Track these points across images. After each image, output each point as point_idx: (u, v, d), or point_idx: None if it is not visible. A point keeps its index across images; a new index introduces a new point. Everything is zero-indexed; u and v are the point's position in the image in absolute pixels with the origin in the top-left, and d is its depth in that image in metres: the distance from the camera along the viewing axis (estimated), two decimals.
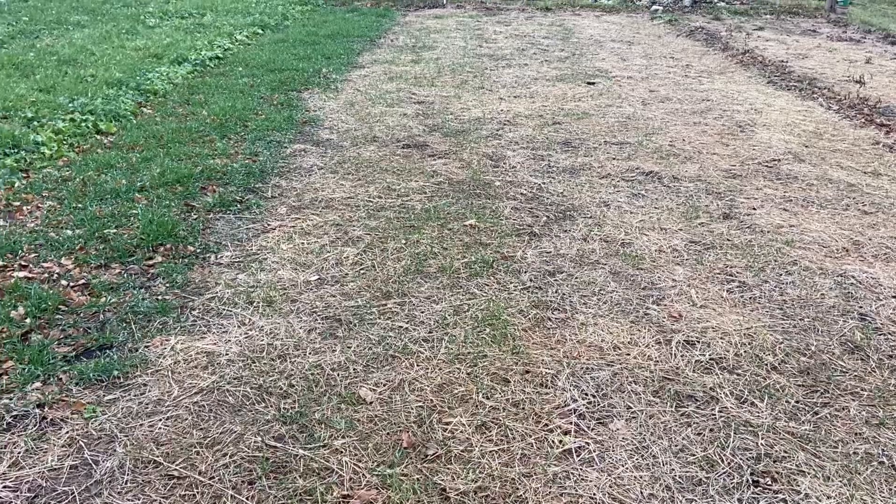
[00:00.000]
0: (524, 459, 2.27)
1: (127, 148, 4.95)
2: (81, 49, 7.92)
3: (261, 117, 5.83)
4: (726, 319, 3.08)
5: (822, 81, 7.90)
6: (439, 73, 7.93)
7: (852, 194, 4.57)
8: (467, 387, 2.61)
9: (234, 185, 4.41)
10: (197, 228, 3.78)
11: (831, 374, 2.72)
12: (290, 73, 7.49)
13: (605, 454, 2.30)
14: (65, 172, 4.46)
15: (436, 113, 6.31)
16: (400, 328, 2.98)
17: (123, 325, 2.90)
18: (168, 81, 6.77)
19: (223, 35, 9.27)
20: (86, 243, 3.53)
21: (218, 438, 2.32)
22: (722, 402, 2.55)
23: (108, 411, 2.42)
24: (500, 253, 3.66)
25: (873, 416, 2.50)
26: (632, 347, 2.87)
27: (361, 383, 2.62)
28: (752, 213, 4.21)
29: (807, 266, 3.57)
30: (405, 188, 4.52)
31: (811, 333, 2.99)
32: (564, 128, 5.94)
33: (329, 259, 3.55)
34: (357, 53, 8.91)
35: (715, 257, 3.66)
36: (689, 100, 6.94)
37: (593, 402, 2.55)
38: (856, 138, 5.81)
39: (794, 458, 2.28)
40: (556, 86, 7.48)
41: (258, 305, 3.11)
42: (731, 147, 5.48)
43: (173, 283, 3.24)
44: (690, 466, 2.25)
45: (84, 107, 5.57)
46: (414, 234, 3.84)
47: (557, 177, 4.79)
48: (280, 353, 2.78)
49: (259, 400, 2.51)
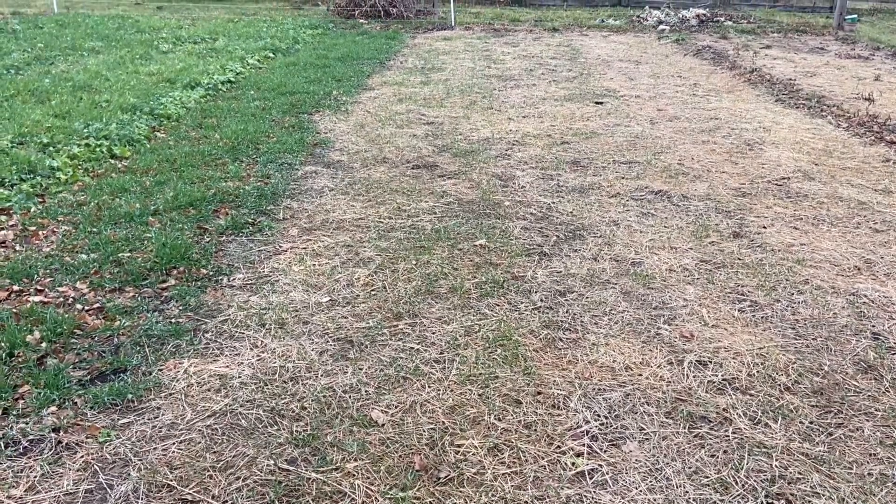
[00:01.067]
0: (537, 482, 2.27)
1: (141, 172, 5.02)
2: (96, 75, 8.04)
3: (272, 140, 5.89)
4: (738, 339, 3.07)
5: (830, 99, 7.90)
6: (448, 94, 8.00)
7: (863, 212, 4.56)
8: (479, 408, 2.62)
9: (246, 208, 4.45)
10: (210, 251, 3.82)
11: (845, 394, 2.71)
12: (300, 95, 7.57)
13: (619, 476, 2.29)
14: (80, 197, 4.52)
15: (445, 133, 6.36)
16: (411, 349, 2.99)
17: (137, 348, 2.93)
18: (181, 106, 6.86)
19: (235, 59, 9.40)
20: (100, 267, 3.57)
21: (231, 462, 2.33)
22: (735, 424, 2.54)
23: (123, 435, 2.44)
24: (511, 273, 3.68)
25: (888, 436, 2.48)
26: (644, 368, 2.87)
27: (373, 405, 2.63)
28: (762, 232, 4.21)
29: (818, 285, 3.56)
30: (415, 209, 4.55)
31: (824, 353, 2.97)
32: (573, 147, 5.96)
33: (340, 280, 3.58)
34: (367, 76, 9.00)
35: (726, 276, 3.65)
36: (698, 118, 6.96)
37: (606, 423, 2.55)
38: (866, 156, 5.80)
39: (809, 479, 2.27)
40: (565, 105, 7.52)
41: (270, 327, 3.13)
42: (740, 165, 5.49)
43: (186, 306, 3.27)
44: (704, 489, 2.24)
45: (99, 132, 5.65)
46: (424, 255, 3.86)
47: (567, 196, 4.81)
48: (292, 376, 2.79)
49: (272, 423, 2.52)
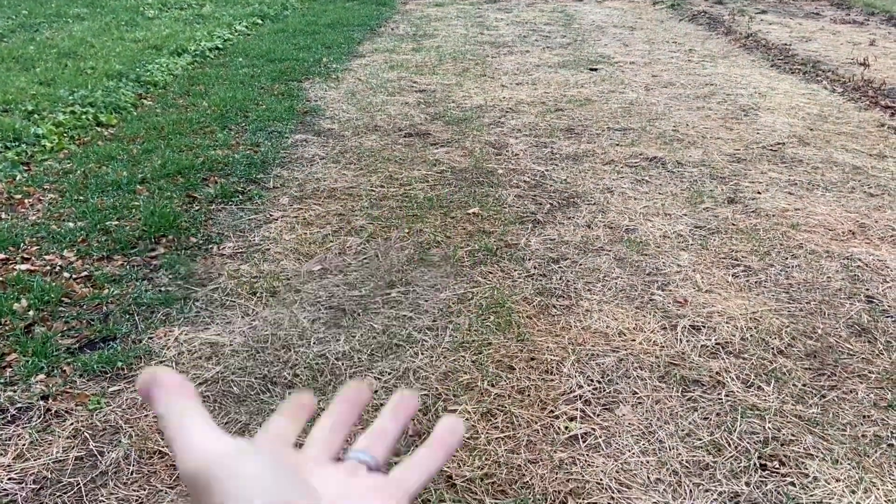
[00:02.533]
0: (530, 446, 2.27)
1: (128, 140, 4.93)
2: (81, 41, 7.89)
3: (261, 107, 5.80)
4: (732, 304, 3.06)
5: (825, 64, 7.83)
6: (440, 62, 7.88)
7: (857, 177, 4.54)
8: (472, 374, 2.60)
9: (235, 176, 4.39)
10: (199, 219, 3.77)
11: (838, 356, 2.71)
12: (290, 62, 7.45)
13: (612, 440, 2.29)
14: (66, 165, 4.45)
15: (437, 101, 6.27)
16: (404, 317, 2.97)
17: (127, 316, 2.89)
18: (168, 73, 6.74)
19: (223, 26, 9.23)
20: (88, 235, 3.52)
21: (223, 428, 2.31)
22: (728, 387, 2.54)
23: (113, 402, 2.42)
24: (504, 241, 3.65)
25: (881, 398, 2.48)
26: (637, 333, 2.86)
27: (366, 372, 2.61)
28: (756, 197, 4.18)
29: (812, 249, 3.54)
30: (407, 177, 4.50)
31: (817, 317, 2.97)
32: (567, 114, 5.90)
33: (332, 249, 3.54)
34: (357, 42, 8.86)
35: (720, 242, 3.63)
36: (692, 84, 6.89)
37: (599, 388, 2.54)
38: (860, 121, 5.76)
39: (802, 441, 2.27)
40: (559, 72, 7.43)
41: (262, 296, 3.10)
42: (734, 131, 5.44)
43: (176, 275, 3.23)
44: (697, 451, 2.24)
45: (84, 99, 5.54)
46: (417, 223, 3.82)
47: (560, 164, 4.76)
48: (284, 344, 2.77)
49: (264, 390, 2.50)
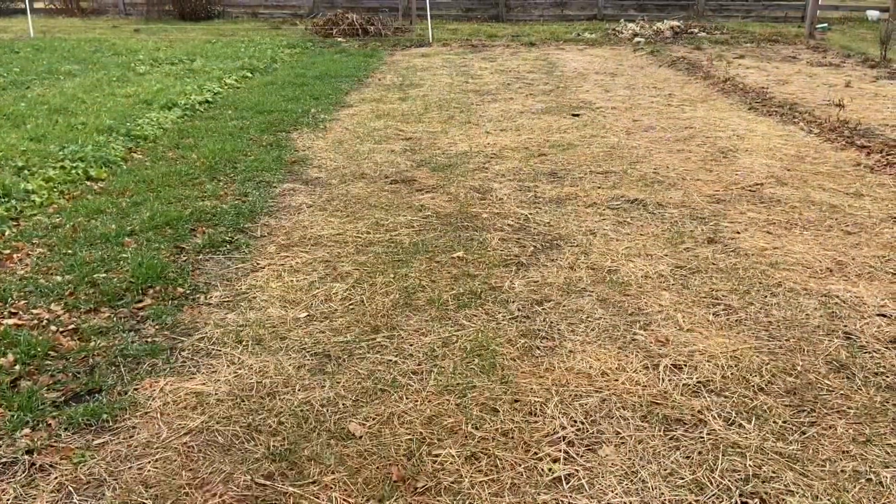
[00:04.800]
0: (514, 488, 2.28)
1: (117, 193, 5.00)
2: (72, 98, 8.03)
3: (250, 158, 5.90)
4: (713, 343, 3.10)
5: (802, 106, 8.04)
6: (426, 110, 8.05)
7: (835, 215, 4.63)
8: (456, 418, 2.62)
9: (223, 226, 4.45)
10: (187, 270, 3.81)
11: (818, 393, 2.74)
12: (278, 114, 7.60)
13: (595, 480, 2.30)
14: (55, 219, 4.50)
15: (423, 148, 6.39)
16: (389, 361, 2.99)
17: (112, 368, 2.91)
18: (158, 126, 6.85)
19: (213, 79, 9.41)
20: (75, 288, 3.55)
21: (207, 479, 2.32)
22: (710, 425, 2.56)
23: (98, 455, 2.42)
24: (488, 284, 3.70)
25: (860, 433, 2.51)
26: (620, 373, 2.89)
27: (351, 418, 2.63)
28: (736, 237, 4.26)
29: (791, 287, 3.61)
30: (393, 223, 4.57)
31: (797, 354, 3.01)
32: (550, 159, 6.02)
33: (318, 295, 3.58)
34: (345, 93, 9.04)
35: (700, 281, 3.69)
36: (673, 128, 7.05)
37: (582, 428, 2.56)
38: (837, 160, 5.90)
39: (783, 478, 2.29)
40: (542, 118, 7.59)
41: (247, 344, 3.12)
42: (714, 173, 5.56)
43: (163, 325, 3.25)
44: (680, 490, 2.26)
45: (74, 154, 5.63)
46: (402, 269, 3.87)
47: (544, 207, 4.85)
48: (269, 391, 2.78)
49: (248, 438, 2.51)
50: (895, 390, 2.76)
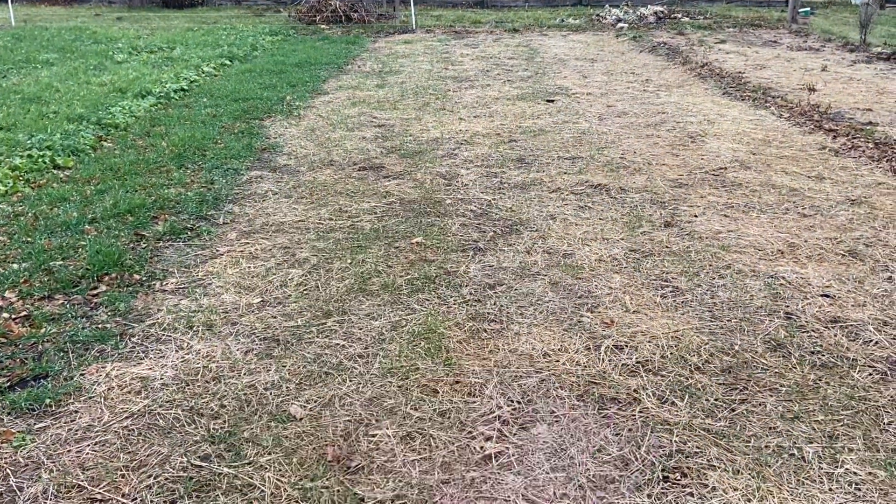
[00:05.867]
0: (444, 466, 2.32)
1: (83, 181, 5.01)
2: (47, 86, 8.00)
3: (220, 146, 5.91)
4: (656, 323, 3.15)
5: (776, 90, 8.07)
6: (402, 97, 8.06)
7: (793, 198, 4.68)
8: (397, 399, 2.67)
9: (186, 214, 4.47)
10: (144, 257, 3.84)
11: (752, 371, 2.79)
12: (253, 101, 7.59)
13: (524, 458, 2.35)
14: (18, 208, 4.52)
15: (395, 135, 6.41)
16: (336, 345, 3.03)
17: (61, 354, 2.94)
18: (130, 115, 6.85)
19: (190, 67, 9.39)
20: (31, 276, 3.58)
21: (144, 461, 2.36)
22: (643, 403, 2.61)
23: (38, 439, 2.46)
24: (444, 269, 3.73)
25: (789, 410, 2.56)
26: (561, 354, 2.94)
27: (293, 401, 2.67)
28: (692, 221, 4.31)
29: (740, 269, 3.65)
30: (356, 209, 4.60)
31: (737, 333, 3.06)
32: (520, 145, 6.04)
33: (274, 281, 3.61)
34: (323, 80, 9.03)
35: (652, 264, 3.74)
36: (645, 113, 7.08)
37: (518, 408, 2.61)
38: (803, 144, 5.94)
39: (707, 453, 2.35)
40: (517, 104, 7.61)
41: (198, 329, 3.16)
42: (680, 157, 5.60)
43: (115, 312, 3.28)
44: (605, 466, 2.31)
45: (42, 143, 5.63)
46: (360, 254, 3.91)
47: (508, 192, 4.88)
48: (215, 375, 2.82)
49: (189, 422, 2.55)
50: (829, 368, 2.82)
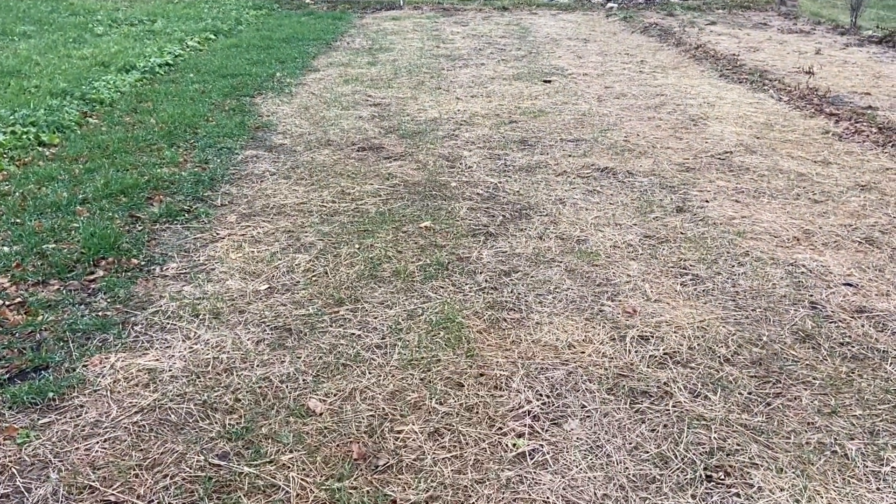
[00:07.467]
0: (477, 465, 2.22)
1: (70, 159, 4.79)
2: (26, 59, 7.69)
3: (211, 124, 5.70)
4: (680, 313, 3.07)
5: (772, 73, 8.01)
6: (396, 75, 7.87)
7: (802, 184, 4.62)
8: (420, 393, 2.56)
9: (182, 195, 4.29)
10: (142, 240, 3.67)
11: (783, 363, 2.72)
12: (242, 78, 7.36)
13: (559, 455, 2.26)
14: (4, 187, 4.30)
15: (392, 115, 6.24)
16: (352, 335, 2.91)
17: (61, 343, 2.78)
18: (115, 90, 6.59)
19: (174, 41, 9.09)
20: (23, 260, 3.39)
21: (158, 459, 2.23)
22: (676, 397, 2.53)
23: (43, 435, 2.31)
24: (456, 254, 3.61)
25: (825, 404, 2.50)
26: (586, 345, 2.84)
27: (311, 394, 2.55)
28: (704, 206, 4.23)
29: (758, 256, 3.58)
30: (360, 192, 4.45)
31: (763, 324, 2.99)
32: (521, 126, 5.91)
33: (280, 267, 3.47)
34: (312, 57, 8.80)
35: (669, 251, 3.65)
36: (644, 95, 6.98)
37: (547, 402, 2.51)
38: (806, 128, 5.88)
39: (747, 450, 2.27)
40: (513, 84, 7.46)
41: (204, 318, 3.01)
42: (684, 141, 5.51)
43: (115, 298, 3.12)
44: (644, 464, 2.22)
45: (25, 118, 5.38)
46: (368, 239, 3.77)
47: (513, 175, 4.76)
48: (226, 367, 2.69)
49: (203, 417, 2.42)
50: (860, 360, 2.76)
